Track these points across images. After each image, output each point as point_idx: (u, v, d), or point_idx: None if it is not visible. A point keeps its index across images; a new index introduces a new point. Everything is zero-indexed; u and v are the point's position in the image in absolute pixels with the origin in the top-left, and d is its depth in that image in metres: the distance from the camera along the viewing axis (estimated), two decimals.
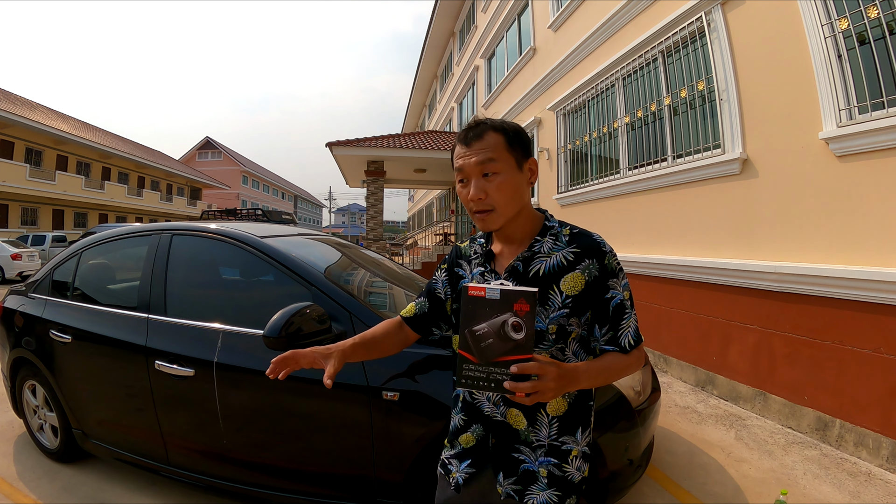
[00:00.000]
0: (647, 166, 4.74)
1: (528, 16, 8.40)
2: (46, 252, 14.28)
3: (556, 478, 0.94)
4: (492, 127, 0.94)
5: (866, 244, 2.67)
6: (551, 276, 0.93)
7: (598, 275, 0.92)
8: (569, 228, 0.98)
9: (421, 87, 20.91)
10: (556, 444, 0.94)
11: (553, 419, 0.94)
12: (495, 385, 0.77)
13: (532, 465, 0.94)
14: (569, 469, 0.94)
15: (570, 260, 0.93)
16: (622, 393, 1.85)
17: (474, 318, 0.77)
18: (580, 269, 0.92)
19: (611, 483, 1.74)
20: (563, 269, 0.93)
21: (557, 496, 0.93)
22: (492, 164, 0.92)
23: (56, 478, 2.37)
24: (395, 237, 20.47)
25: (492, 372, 0.77)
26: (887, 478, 2.40)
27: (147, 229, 2.39)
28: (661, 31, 4.42)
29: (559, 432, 0.94)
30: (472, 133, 0.94)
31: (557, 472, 0.94)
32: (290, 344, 1.55)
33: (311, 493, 1.80)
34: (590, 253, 0.93)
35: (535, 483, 0.94)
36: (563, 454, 0.94)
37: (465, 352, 0.78)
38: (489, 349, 0.77)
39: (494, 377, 0.77)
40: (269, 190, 51.59)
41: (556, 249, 0.95)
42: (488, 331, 0.77)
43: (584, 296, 0.92)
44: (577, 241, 0.95)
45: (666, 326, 4.38)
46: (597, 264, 0.92)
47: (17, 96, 21.14)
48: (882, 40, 2.61)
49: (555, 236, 0.97)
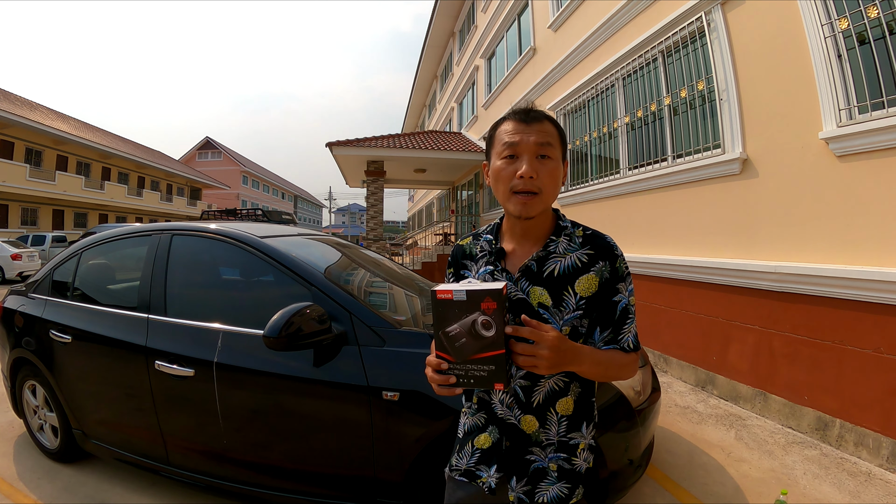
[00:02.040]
0: (647, 166, 4.74)
1: (528, 16, 8.40)
2: (46, 252, 14.27)
3: (565, 471, 0.95)
4: (548, 117, 0.94)
5: (866, 244, 2.67)
6: (566, 277, 0.92)
7: (609, 277, 0.92)
8: (581, 229, 0.98)
9: (421, 86, 20.91)
10: (564, 441, 0.95)
11: (562, 418, 0.95)
12: (475, 381, 0.79)
13: (542, 462, 0.95)
14: (577, 462, 0.96)
15: (584, 262, 0.92)
16: (622, 393, 1.85)
17: (446, 319, 0.79)
18: (594, 270, 0.91)
19: (611, 483, 1.74)
20: (577, 271, 0.92)
21: (567, 488, 0.94)
22: (549, 148, 0.91)
23: (56, 478, 2.37)
24: (395, 237, 20.46)
25: (469, 369, 0.79)
26: (887, 478, 2.40)
27: (147, 229, 2.39)
28: (660, 31, 4.42)
29: (567, 429, 0.95)
30: (535, 114, 0.93)
31: (567, 465, 0.95)
32: (290, 344, 1.55)
33: (311, 493, 1.80)
34: (603, 255, 0.93)
35: (545, 479, 0.95)
36: (572, 448, 0.96)
37: (442, 353, 0.80)
38: (464, 348, 0.79)
39: (473, 374, 0.79)
40: (269, 190, 51.59)
41: (571, 250, 0.94)
42: (460, 331, 0.78)
43: (597, 298, 0.91)
44: (591, 242, 0.95)
45: (666, 326, 4.38)
46: (609, 266, 0.92)
47: (17, 96, 21.14)
48: (882, 40, 2.61)
49: (569, 237, 0.96)
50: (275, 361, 1.76)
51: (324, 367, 1.71)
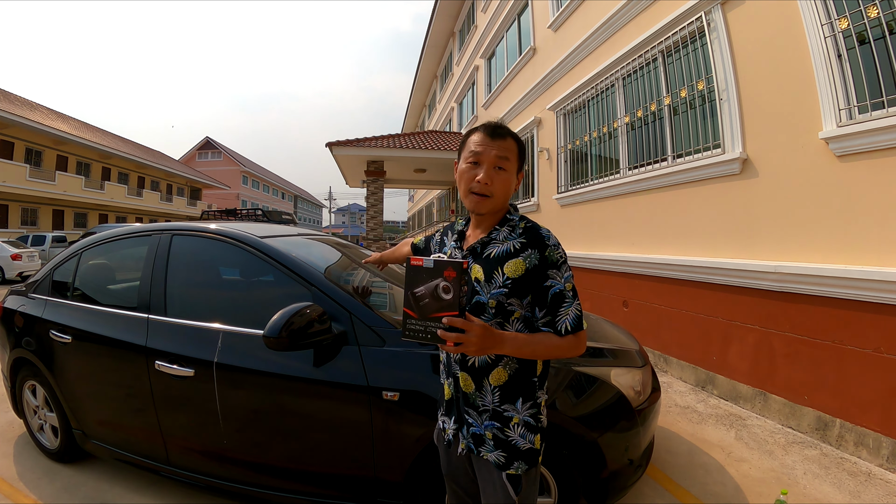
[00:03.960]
0: (647, 166, 4.74)
1: (527, 16, 8.40)
2: (46, 252, 14.26)
3: (500, 440, 1.09)
4: (512, 136, 1.13)
5: (866, 244, 2.67)
6: (499, 259, 1.09)
7: (537, 264, 1.06)
8: (524, 223, 1.13)
9: (421, 86, 20.90)
10: (498, 410, 1.10)
11: (495, 388, 1.10)
12: (431, 336, 0.94)
13: (479, 428, 1.11)
14: (511, 434, 1.09)
15: (516, 248, 1.08)
16: (622, 393, 1.85)
17: (415, 282, 0.95)
18: (523, 256, 1.07)
19: (611, 483, 1.74)
20: (509, 255, 1.08)
21: (504, 457, 1.09)
22: (506, 161, 1.10)
23: (56, 478, 2.37)
24: (395, 237, 20.47)
25: (428, 325, 0.95)
26: (887, 477, 2.40)
27: (147, 229, 2.39)
28: (660, 31, 4.42)
29: (500, 400, 1.10)
30: (500, 131, 1.11)
31: (500, 435, 1.09)
32: (290, 344, 1.55)
33: (311, 493, 1.80)
34: (534, 244, 1.08)
35: (484, 445, 1.11)
36: (505, 420, 1.10)
37: (409, 309, 0.96)
38: (426, 307, 0.94)
39: (430, 330, 0.95)
40: (269, 190, 51.58)
41: (510, 239, 1.11)
42: (425, 292, 0.94)
43: (524, 280, 1.06)
44: (528, 233, 1.10)
45: (666, 326, 4.38)
46: (538, 254, 1.07)
47: (17, 96, 21.13)
48: (882, 40, 2.61)
49: (512, 227, 1.13)
50: (275, 361, 1.76)
51: (324, 367, 1.71)
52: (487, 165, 1.09)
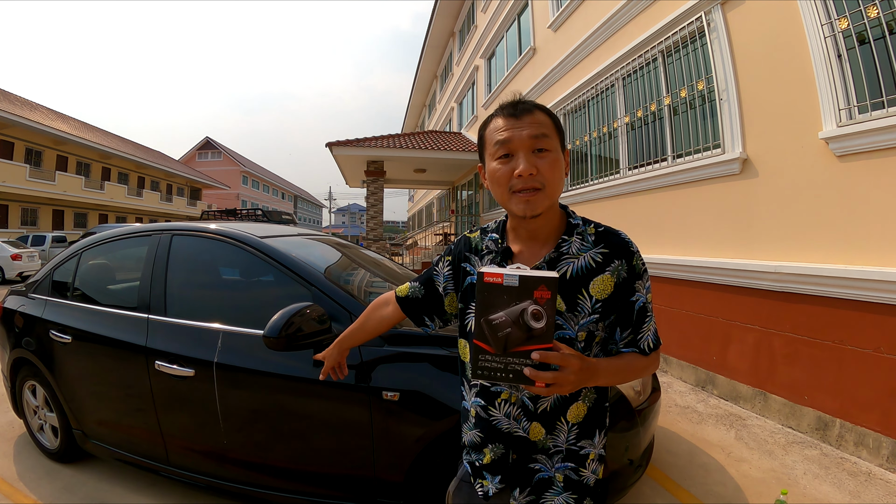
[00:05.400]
0: (647, 166, 4.74)
1: (527, 16, 8.40)
2: (46, 252, 14.26)
3: (571, 482, 0.90)
4: (539, 107, 0.88)
5: (866, 244, 2.67)
6: (579, 280, 0.86)
7: (626, 276, 0.87)
8: (593, 226, 0.92)
9: (421, 86, 20.90)
10: (574, 449, 0.90)
11: (573, 426, 0.90)
12: (513, 376, 0.73)
13: (548, 472, 0.90)
14: (585, 473, 0.91)
15: (598, 261, 0.87)
16: (622, 393, 1.85)
17: (491, 306, 0.72)
18: (609, 270, 0.86)
19: (611, 483, 1.74)
20: (591, 272, 0.86)
21: (574, 499, 0.90)
22: (545, 139, 0.85)
23: (56, 478, 2.37)
24: (395, 237, 20.46)
25: (510, 362, 0.72)
26: (888, 477, 2.40)
27: (147, 229, 2.39)
28: (660, 31, 4.42)
29: (578, 437, 0.90)
30: (521, 106, 0.87)
31: (574, 476, 0.90)
32: (290, 344, 1.55)
33: (311, 493, 1.80)
34: (618, 253, 0.87)
35: (551, 489, 0.90)
36: (581, 458, 0.91)
37: (481, 342, 0.73)
38: (507, 339, 0.72)
39: (512, 367, 0.72)
40: (269, 190, 51.58)
41: (584, 250, 0.88)
42: (506, 319, 0.72)
43: (613, 299, 0.86)
44: (604, 240, 0.89)
45: (666, 326, 4.38)
46: (626, 265, 0.87)
47: (17, 96, 21.13)
48: (882, 40, 2.61)
49: (581, 235, 0.90)
50: (275, 361, 1.76)
51: None
52: (525, 151, 0.84)
